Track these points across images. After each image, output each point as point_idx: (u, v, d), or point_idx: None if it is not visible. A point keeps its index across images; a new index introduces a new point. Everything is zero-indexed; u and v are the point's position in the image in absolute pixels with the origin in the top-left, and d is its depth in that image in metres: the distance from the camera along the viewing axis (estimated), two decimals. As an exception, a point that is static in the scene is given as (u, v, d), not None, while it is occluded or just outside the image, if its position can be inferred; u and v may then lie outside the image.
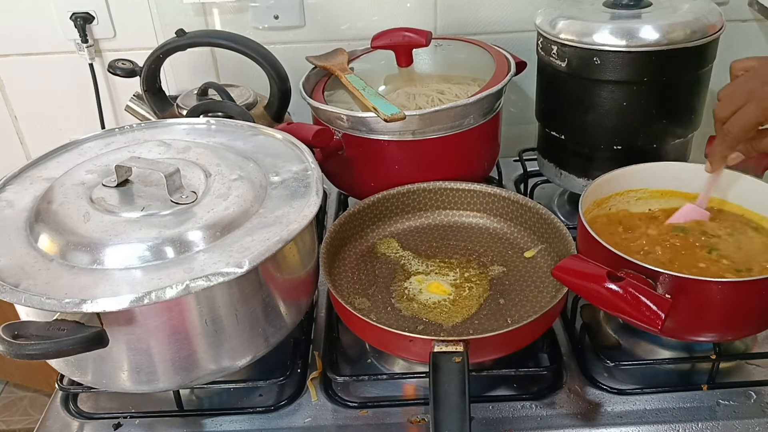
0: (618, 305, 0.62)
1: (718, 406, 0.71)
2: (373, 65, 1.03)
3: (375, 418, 0.72)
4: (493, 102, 0.91)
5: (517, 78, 1.02)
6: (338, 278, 0.83)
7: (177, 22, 1.10)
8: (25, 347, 0.55)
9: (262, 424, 0.72)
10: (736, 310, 0.65)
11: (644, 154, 0.77)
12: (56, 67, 1.17)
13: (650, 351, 0.77)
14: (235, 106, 0.96)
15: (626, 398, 0.72)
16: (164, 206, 0.67)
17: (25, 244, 0.65)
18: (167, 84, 1.13)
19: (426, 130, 0.86)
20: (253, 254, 0.61)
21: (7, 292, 0.58)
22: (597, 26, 0.85)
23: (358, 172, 0.92)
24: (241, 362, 0.68)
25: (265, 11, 1.12)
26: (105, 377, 0.65)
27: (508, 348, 0.70)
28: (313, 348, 0.81)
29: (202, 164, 0.73)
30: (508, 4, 1.12)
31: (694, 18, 0.84)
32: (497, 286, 0.80)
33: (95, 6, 1.11)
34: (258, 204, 0.69)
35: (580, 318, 0.81)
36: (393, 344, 0.70)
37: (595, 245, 0.69)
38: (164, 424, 0.73)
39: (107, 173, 0.72)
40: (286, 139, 0.81)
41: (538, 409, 0.72)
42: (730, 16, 1.08)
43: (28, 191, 0.73)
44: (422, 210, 0.92)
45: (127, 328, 0.60)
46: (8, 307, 0.62)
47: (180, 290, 0.58)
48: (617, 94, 0.87)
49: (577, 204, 0.75)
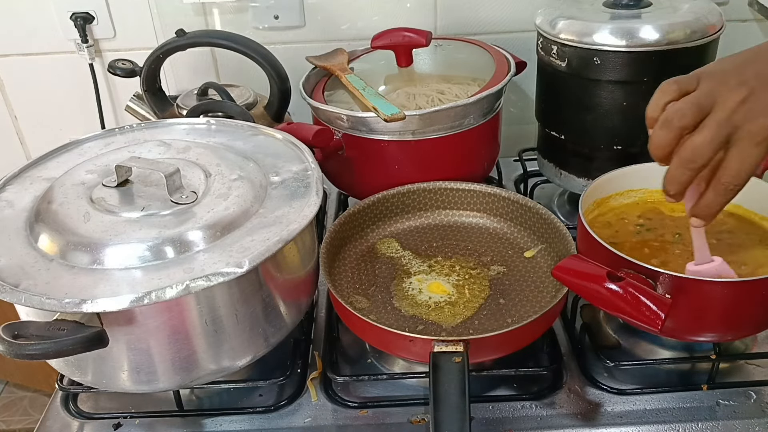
0: (618, 305, 0.62)
1: (718, 406, 0.71)
2: (373, 65, 1.03)
3: (375, 418, 0.72)
4: (493, 102, 0.91)
5: (517, 78, 1.02)
6: (338, 278, 0.83)
7: (177, 22, 1.10)
8: (25, 347, 0.55)
9: (262, 424, 0.72)
10: (736, 310, 0.65)
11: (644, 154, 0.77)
12: (56, 67, 1.17)
13: (650, 351, 0.77)
14: (235, 106, 0.96)
15: (626, 398, 0.72)
16: (164, 206, 0.67)
17: (25, 244, 0.65)
18: (167, 84, 1.13)
19: (426, 130, 0.86)
20: (253, 254, 0.61)
21: (7, 292, 0.58)
22: (597, 26, 0.85)
23: (358, 172, 0.92)
24: (241, 362, 0.68)
25: (265, 11, 1.12)
26: (105, 377, 0.65)
27: (508, 348, 0.70)
28: (313, 348, 0.81)
29: (202, 164, 0.73)
30: (508, 4, 1.12)
31: (694, 18, 0.84)
32: (497, 286, 0.80)
33: (95, 6, 1.11)
34: (258, 204, 0.69)
35: (580, 318, 0.81)
36: (393, 344, 0.70)
37: (595, 245, 0.69)
38: (164, 424, 0.73)
39: (107, 173, 0.72)
40: (286, 139, 0.81)
41: (538, 409, 0.72)
42: (730, 16, 1.08)
43: (28, 191, 0.73)
44: (422, 210, 0.92)
45: (127, 328, 0.60)
46: (8, 307, 0.62)
47: (180, 290, 0.58)
48: (617, 94, 0.87)
49: (577, 204, 0.75)
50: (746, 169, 0.55)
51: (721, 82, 0.56)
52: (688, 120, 0.55)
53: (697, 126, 0.56)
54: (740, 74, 0.56)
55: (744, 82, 0.55)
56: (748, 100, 0.54)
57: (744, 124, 0.54)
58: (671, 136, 0.56)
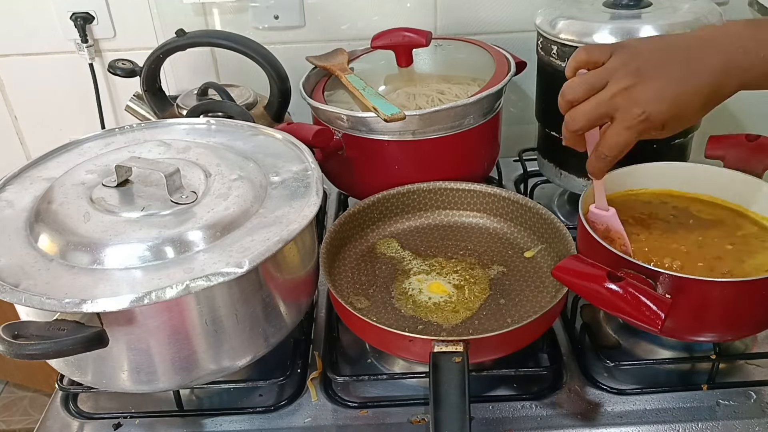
0: (618, 305, 0.62)
1: (718, 406, 0.71)
2: (373, 65, 1.03)
3: (375, 418, 0.72)
4: (493, 102, 0.91)
5: (517, 78, 1.02)
6: (338, 278, 0.83)
7: (177, 22, 1.10)
8: (25, 347, 0.55)
9: (262, 424, 0.72)
10: (736, 310, 0.65)
11: (644, 154, 0.77)
12: (56, 67, 1.17)
13: (650, 351, 0.77)
14: (235, 106, 0.96)
15: (626, 398, 0.72)
16: (164, 206, 0.67)
17: (25, 244, 0.65)
18: (167, 84, 1.13)
19: (426, 130, 0.86)
20: (253, 254, 0.61)
21: (7, 292, 0.58)
22: (597, 26, 0.85)
23: (358, 172, 0.92)
24: (241, 362, 0.68)
25: (265, 11, 1.12)
26: (105, 377, 0.65)
27: (508, 348, 0.70)
28: (313, 348, 0.81)
29: (202, 164, 0.73)
30: (508, 4, 1.12)
31: (694, 18, 0.84)
32: (497, 286, 0.80)
33: (95, 6, 1.11)
34: (258, 204, 0.69)
35: (580, 318, 0.81)
36: (393, 344, 0.70)
37: (595, 245, 0.69)
38: (164, 424, 0.73)
39: (107, 173, 0.72)
40: (286, 139, 0.81)
41: (538, 409, 0.72)
42: (730, 16, 1.08)
43: (28, 191, 0.73)
44: (422, 210, 0.92)
45: (127, 328, 0.60)
46: (8, 307, 0.62)
47: (180, 290, 0.58)
48: (617, 94, 0.87)
49: (577, 204, 0.75)
50: (617, 146, 0.63)
51: (624, 64, 0.62)
52: (578, 95, 0.63)
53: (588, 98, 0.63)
54: (643, 61, 0.61)
55: (640, 70, 0.61)
56: (633, 88, 0.60)
57: (622, 107, 0.61)
58: (564, 106, 0.65)
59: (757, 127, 1.16)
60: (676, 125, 0.62)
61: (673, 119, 0.61)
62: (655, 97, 0.60)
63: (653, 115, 0.60)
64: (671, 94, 0.60)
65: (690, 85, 0.60)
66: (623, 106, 0.61)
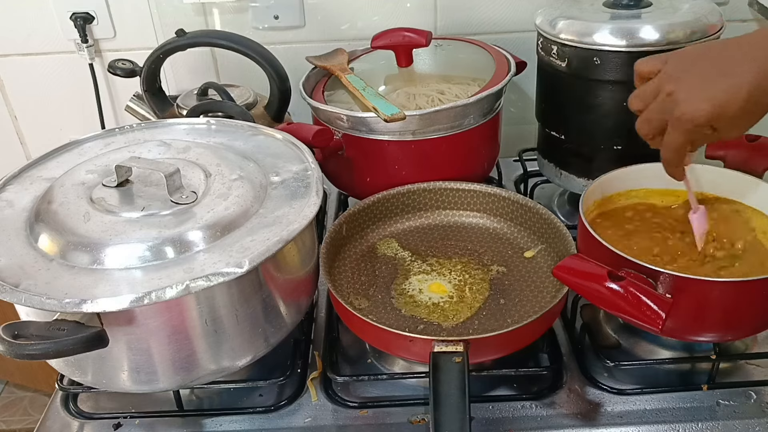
0: (618, 305, 0.62)
1: (718, 406, 0.71)
2: (373, 65, 1.03)
3: (375, 418, 0.72)
4: (493, 102, 0.91)
5: (517, 78, 1.02)
6: (338, 278, 0.83)
7: (177, 22, 1.10)
8: (25, 347, 0.56)
9: (262, 424, 0.72)
10: (736, 310, 0.65)
11: (644, 154, 0.77)
12: (56, 67, 1.17)
13: (650, 351, 0.77)
14: (235, 106, 0.96)
15: (626, 398, 0.72)
16: (164, 206, 0.67)
17: (25, 244, 0.65)
18: (167, 84, 1.13)
19: (426, 130, 0.86)
20: (253, 254, 0.61)
21: (7, 292, 0.58)
22: (597, 26, 0.85)
23: (358, 172, 0.92)
24: (241, 362, 0.68)
25: (265, 11, 1.12)
26: (105, 377, 0.65)
27: (508, 348, 0.70)
28: (313, 348, 0.81)
29: (202, 164, 0.73)
30: (508, 4, 1.12)
31: (694, 18, 0.84)
32: (497, 286, 0.80)
33: (95, 6, 1.11)
34: (258, 204, 0.69)
35: (580, 318, 0.81)
36: (393, 344, 0.70)
37: (596, 245, 0.69)
38: (164, 424, 0.73)
39: (107, 173, 0.72)
40: (286, 139, 0.81)
41: (538, 409, 0.72)
42: (730, 16, 1.08)
43: (28, 191, 0.73)
44: (422, 210, 0.92)
45: (127, 328, 0.60)
46: (8, 307, 0.62)
47: (180, 290, 0.58)
48: (617, 94, 0.87)
49: (577, 204, 0.75)
50: (669, 148, 0.65)
51: (668, 71, 0.65)
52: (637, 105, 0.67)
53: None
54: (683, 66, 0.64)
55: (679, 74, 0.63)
56: (674, 93, 0.62)
57: (668, 112, 0.63)
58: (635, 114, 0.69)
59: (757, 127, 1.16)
60: (727, 126, 0.62)
61: (716, 119, 0.60)
62: (690, 97, 0.61)
63: (692, 114, 0.61)
64: (707, 95, 0.61)
65: (725, 83, 0.60)
66: (668, 110, 0.63)
